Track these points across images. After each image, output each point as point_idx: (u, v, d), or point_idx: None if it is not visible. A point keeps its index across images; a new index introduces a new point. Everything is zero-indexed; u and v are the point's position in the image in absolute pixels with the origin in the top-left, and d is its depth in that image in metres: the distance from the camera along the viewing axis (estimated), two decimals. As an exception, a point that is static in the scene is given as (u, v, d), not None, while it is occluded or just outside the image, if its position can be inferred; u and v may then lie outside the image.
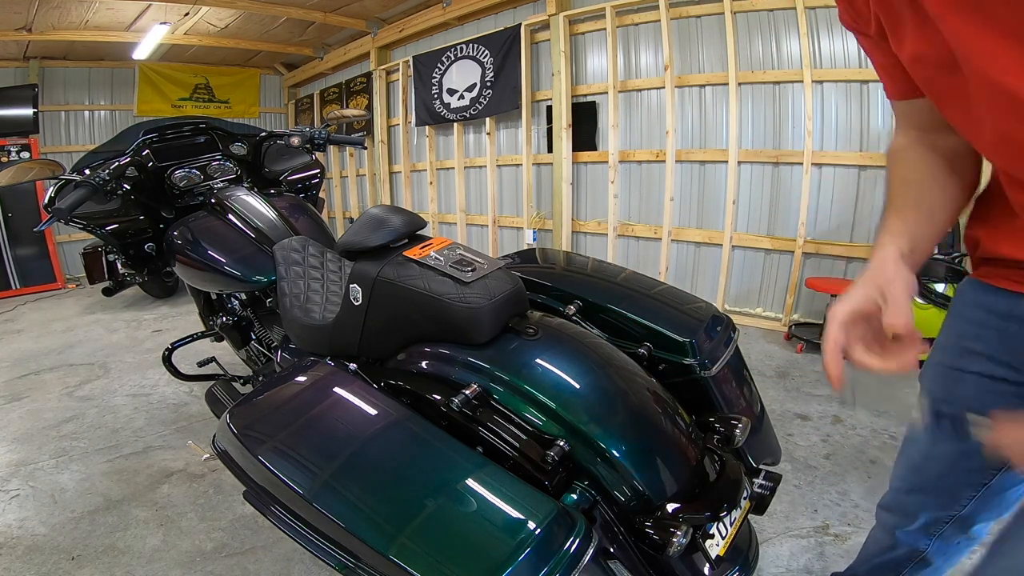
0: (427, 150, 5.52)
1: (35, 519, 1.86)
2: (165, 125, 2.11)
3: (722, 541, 0.94)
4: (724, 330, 1.20)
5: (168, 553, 1.68)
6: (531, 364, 0.99)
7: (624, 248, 4.39)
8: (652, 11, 3.84)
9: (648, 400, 0.99)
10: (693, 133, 3.89)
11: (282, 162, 2.33)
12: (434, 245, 1.14)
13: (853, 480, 1.94)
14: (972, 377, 0.78)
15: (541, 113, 4.60)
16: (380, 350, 1.16)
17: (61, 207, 1.64)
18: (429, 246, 1.13)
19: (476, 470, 0.79)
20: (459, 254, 1.12)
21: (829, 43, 3.27)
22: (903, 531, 0.95)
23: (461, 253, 1.12)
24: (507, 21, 4.62)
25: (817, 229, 3.46)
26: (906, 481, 0.94)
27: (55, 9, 4.58)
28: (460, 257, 1.10)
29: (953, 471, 0.85)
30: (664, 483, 0.91)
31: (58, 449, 2.33)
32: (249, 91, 7.37)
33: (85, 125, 6.26)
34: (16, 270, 5.44)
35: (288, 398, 1.02)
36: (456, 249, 1.14)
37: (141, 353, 3.52)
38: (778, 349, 3.25)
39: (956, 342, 0.81)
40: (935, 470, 0.87)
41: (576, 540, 0.70)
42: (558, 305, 1.26)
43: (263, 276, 1.69)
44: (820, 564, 1.55)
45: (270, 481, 0.85)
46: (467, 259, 1.10)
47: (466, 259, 1.10)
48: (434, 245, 1.14)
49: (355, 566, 0.74)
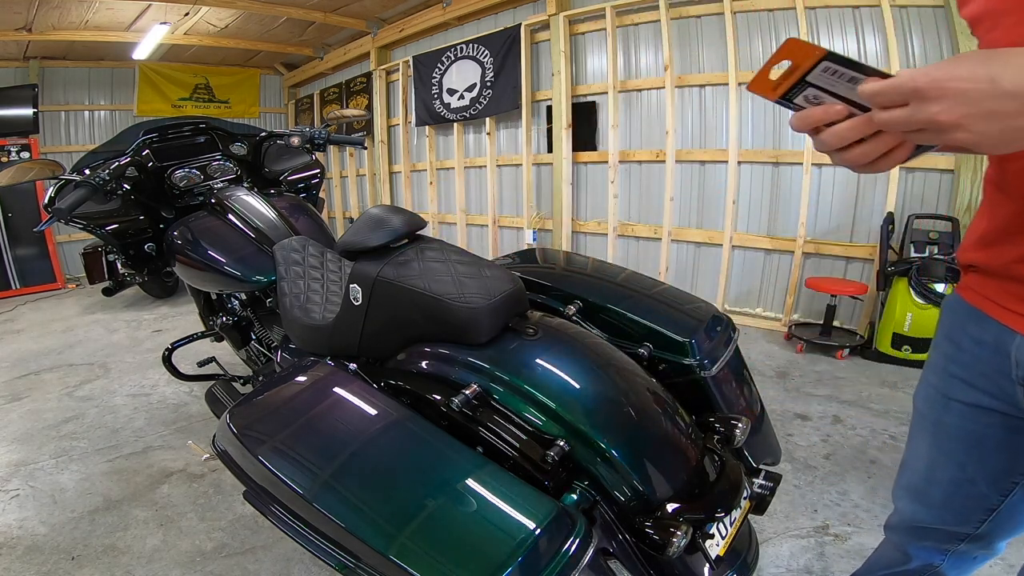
0: (427, 150, 5.52)
1: (35, 519, 1.86)
2: (165, 125, 2.11)
3: (722, 541, 0.94)
4: (724, 330, 1.20)
5: (168, 553, 1.68)
6: (531, 364, 0.99)
7: (624, 248, 4.39)
8: (652, 11, 3.84)
9: (648, 400, 0.99)
10: (693, 133, 3.88)
11: (282, 162, 2.33)
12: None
13: (853, 480, 1.94)
14: (958, 406, 0.76)
15: (541, 113, 4.60)
16: (380, 350, 1.16)
17: (61, 207, 1.64)
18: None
19: (476, 470, 0.79)
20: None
21: (829, 43, 3.27)
22: (915, 547, 0.92)
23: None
24: (507, 21, 4.62)
25: (817, 229, 3.46)
26: (911, 504, 0.90)
27: (55, 9, 4.58)
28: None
29: (958, 496, 0.82)
30: (664, 483, 0.91)
31: (58, 449, 2.33)
32: (249, 91, 7.37)
33: (85, 125, 6.26)
34: (16, 270, 5.43)
35: (288, 398, 1.02)
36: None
37: (141, 353, 3.52)
38: (778, 349, 3.25)
39: (944, 365, 0.79)
40: (939, 495, 0.84)
41: (576, 540, 0.70)
42: (558, 305, 1.26)
43: (263, 276, 1.69)
44: (820, 564, 1.55)
45: (270, 481, 0.85)
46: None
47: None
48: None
49: (355, 566, 0.74)
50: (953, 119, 0.46)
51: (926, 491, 0.86)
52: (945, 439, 0.80)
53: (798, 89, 0.55)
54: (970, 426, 0.76)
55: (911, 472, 0.89)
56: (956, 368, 0.76)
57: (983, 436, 0.76)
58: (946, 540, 0.87)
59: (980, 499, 0.80)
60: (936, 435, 0.82)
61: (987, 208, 0.71)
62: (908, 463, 0.90)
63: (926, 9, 2.95)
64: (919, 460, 0.86)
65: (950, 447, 0.80)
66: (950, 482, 0.82)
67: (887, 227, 3.00)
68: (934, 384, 0.81)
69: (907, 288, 2.86)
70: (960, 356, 0.75)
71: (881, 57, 3.10)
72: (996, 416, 0.73)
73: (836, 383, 2.76)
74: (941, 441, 0.81)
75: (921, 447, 0.85)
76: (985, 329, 0.71)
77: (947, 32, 2.91)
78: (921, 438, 0.85)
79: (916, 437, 0.87)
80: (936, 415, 0.81)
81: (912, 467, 0.89)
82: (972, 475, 0.79)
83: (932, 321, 2.81)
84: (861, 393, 2.64)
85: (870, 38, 3.14)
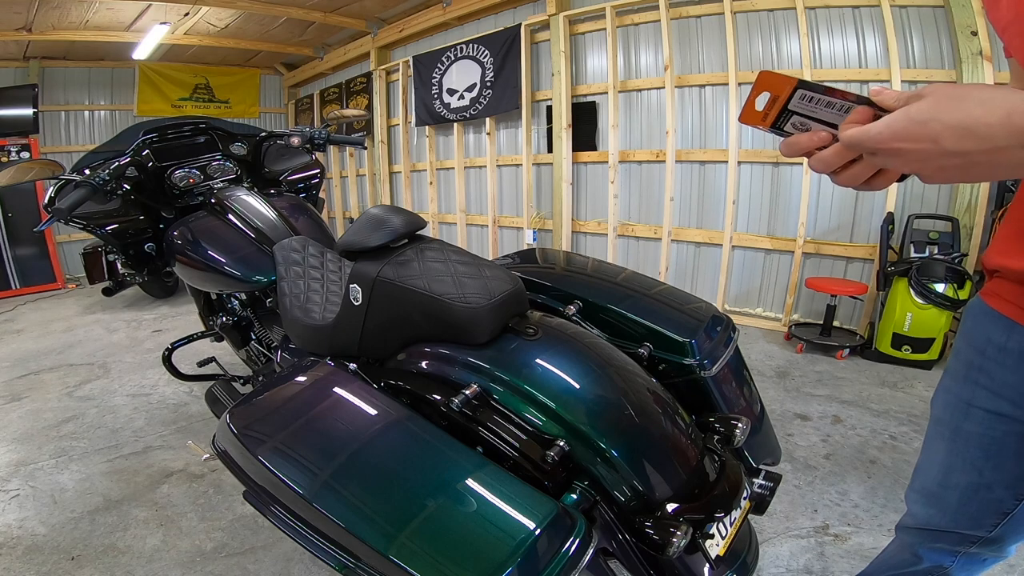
0: (427, 150, 5.52)
1: (35, 519, 1.86)
2: (165, 125, 2.11)
3: (722, 541, 0.94)
4: (724, 330, 1.20)
5: (168, 553, 1.68)
6: (531, 364, 0.99)
7: (624, 248, 4.39)
8: (652, 11, 3.84)
9: (648, 400, 0.99)
10: (693, 133, 3.89)
11: (282, 162, 2.33)
12: None
13: (853, 480, 1.94)
14: (979, 413, 0.76)
15: (541, 113, 4.60)
16: (380, 350, 1.16)
17: (61, 207, 1.64)
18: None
19: (476, 470, 0.79)
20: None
21: (829, 43, 3.27)
22: (926, 549, 0.93)
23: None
24: (507, 21, 4.62)
25: (817, 229, 3.47)
26: (925, 507, 0.90)
27: (55, 9, 4.58)
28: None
29: (973, 500, 0.82)
30: (664, 483, 0.91)
31: (58, 449, 2.33)
32: (249, 91, 7.37)
33: (85, 125, 6.26)
34: (16, 270, 5.43)
35: (288, 398, 1.02)
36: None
37: (141, 353, 3.52)
38: (778, 349, 3.25)
39: (964, 371, 0.78)
40: (954, 500, 0.84)
41: (576, 540, 0.70)
42: (558, 305, 1.26)
43: (263, 276, 1.69)
44: (820, 564, 1.55)
45: (270, 481, 0.85)
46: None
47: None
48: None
49: (355, 566, 0.74)
50: (910, 170, 0.51)
51: (941, 496, 0.86)
52: (964, 445, 0.80)
53: (784, 117, 0.56)
54: (991, 433, 0.75)
55: (926, 476, 0.89)
56: (979, 375, 0.75)
57: (1003, 444, 0.75)
58: (958, 543, 0.88)
59: (996, 504, 0.80)
60: (955, 441, 0.81)
61: (1016, 212, 0.71)
62: (923, 467, 0.90)
63: (926, 9, 2.95)
64: (934, 465, 0.86)
65: (969, 453, 0.79)
66: (967, 487, 0.81)
67: (887, 227, 3.00)
68: (954, 391, 0.80)
69: (907, 288, 2.86)
70: (984, 363, 0.75)
71: (881, 57, 3.10)
72: (1018, 425, 0.72)
73: (836, 383, 2.76)
74: (959, 447, 0.80)
75: (937, 452, 0.85)
76: (1010, 336, 0.70)
77: (947, 32, 2.91)
78: (938, 444, 0.85)
79: (932, 442, 0.86)
80: (956, 422, 0.80)
81: (927, 472, 0.89)
82: (989, 480, 0.78)
83: (932, 321, 2.82)
84: (861, 393, 2.64)
85: (870, 38, 3.14)
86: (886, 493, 1.86)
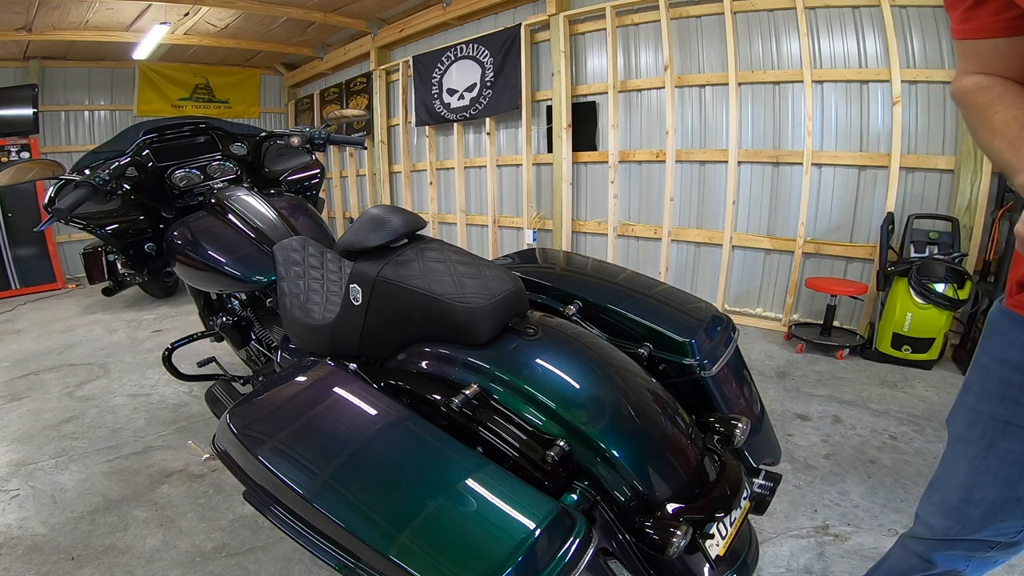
0: (427, 150, 5.52)
1: (35, 519, 1.86)
2: (165, 125, 2.11)
3: (722, 541, 0.94)
4: (724, 330, 1.20)
5: (168, 553, 1.68)
6: (531, 364, 0.99)
7: (624, 248, 4.39)
8: (652, 11, 3.84)
9: (648, 400, 0.99)
10: (693, 133, 3.89)
11: (282, 162, 2.33)
12: None
13: (853, 480, 1.94)
14: (1019, 431, 0.74)
15: (541, 113, 4.60)
16: (380, 350, 1.16)
17: (61, 207, 1.64)
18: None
19: (476, 470, 0.79)
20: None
21: (829, 43, 3.27)
22: (942, 555, 0.92)
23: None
24: (507, 21, 4.62)
25: (817, 229, 3.46)
26: (945, 520, 0.89)
27: (55, 9, 4.58)
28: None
29: (1000, 513, 0.81)
30: (664, 483, 0.91)
31: (58, 449, 2.33)
32: (249, 91, 7.36)
33: (85, 125, 6.26)
34: (16, 270, 5.43)
35: (288, 398, 1.02)
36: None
37: (141, 353, 3.52)
38: (778, 349, 3.25)
39: (1001, 389, 0.76)
40: (978, 514, 0.83)
41: (576, 540, 0.70)
42: (558, 305, 1.26)
43: (263, 276, 1.69)
44: (820, 564, 1.55)
45: (270, 481, 0.85)
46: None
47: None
48: None
49: (355, 566, 0.74)
50: None
51: (963, 510, 0.85)
52: (999, 463, 0.78)
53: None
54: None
55: (946, 492, 0.88)
56: (1018, 393, 0.73)
57: None
58: (976, 548, 0.87)
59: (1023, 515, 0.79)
60: (986, 459, 0.79)
61: None
62: (941, 483, 0.89)
63: (926, 9, 2.95)
64: (956, 482, 0.85)
65: (1004, 471, 0.78)
66: (994, 502, 0.80)
67: (887, 227, 3.00)
68: (985, 410, 0.78)
69: (907, 288, 2.86)
70: (1021, 380, 0.72)
71: (881, 57, 3.10)
72: None
73: (836, 383, 2.76)
74: (992, 464, 0.79)
75: (959, 470, 0.84)
76: None
77: (947, 32, 2.91)
78: (960, 461, 0.84)
79: (953, 460, 0.85)
80: (989, 439, 0.78)
81: (946, 488, 0.88)
82: (1021, 494, 0.77)
83: (932, 321, 2.82)
84: (861, 393, 2.64)
85: (870, 38, 3.14)
86: (886, 493, 1.86)
